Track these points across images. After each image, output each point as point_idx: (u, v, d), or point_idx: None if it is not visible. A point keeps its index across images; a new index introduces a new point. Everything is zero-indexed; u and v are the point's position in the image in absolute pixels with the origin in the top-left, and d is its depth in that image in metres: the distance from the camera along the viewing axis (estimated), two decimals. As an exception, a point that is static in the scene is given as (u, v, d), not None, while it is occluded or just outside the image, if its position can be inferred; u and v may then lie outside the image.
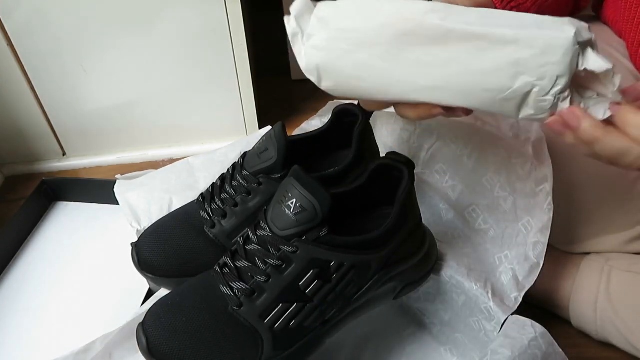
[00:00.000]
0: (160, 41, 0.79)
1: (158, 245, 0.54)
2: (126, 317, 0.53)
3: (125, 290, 0.63)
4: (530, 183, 0.54)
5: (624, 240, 0.60)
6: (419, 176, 0.63)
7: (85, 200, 0.79)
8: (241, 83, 0.86)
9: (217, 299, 0.44)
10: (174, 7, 0.76)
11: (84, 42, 0.78)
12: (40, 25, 0.76)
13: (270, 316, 0.42)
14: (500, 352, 0.45)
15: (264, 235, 0.43)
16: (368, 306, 0.48)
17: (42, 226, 0.76)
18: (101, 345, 0.51)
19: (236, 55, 0.82)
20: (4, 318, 0.63)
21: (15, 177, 0.91)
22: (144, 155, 0.92)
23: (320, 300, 0.43)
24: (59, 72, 0.81)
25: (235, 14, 0.78)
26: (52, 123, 0.88)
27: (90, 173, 0.91)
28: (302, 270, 0.42)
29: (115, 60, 0.81)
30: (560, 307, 0.60)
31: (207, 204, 0.55)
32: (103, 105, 0.86)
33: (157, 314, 0.45)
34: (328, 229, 0.42)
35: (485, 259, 0.56)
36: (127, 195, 0.65)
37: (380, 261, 0.45)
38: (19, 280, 0.68)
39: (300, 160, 0.51)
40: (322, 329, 0.45)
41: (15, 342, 0.60)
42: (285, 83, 1.14)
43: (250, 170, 0.53)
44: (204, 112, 0.89)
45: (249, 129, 0.93)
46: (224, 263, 0.46)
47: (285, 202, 0.43)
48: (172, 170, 0.69)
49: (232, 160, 0.67)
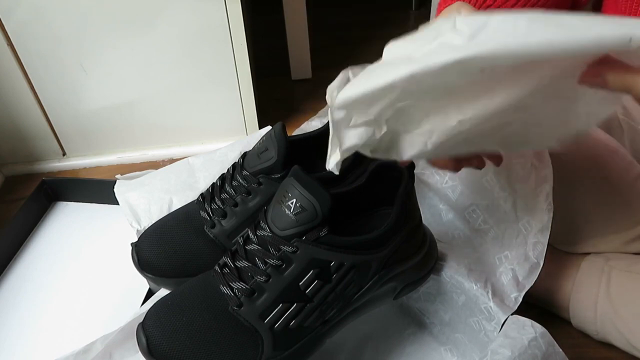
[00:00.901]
0: (161, 41, 0.79)
1: (158, 245, 0.54)
2: (126, 317, 0.53)
3: (125, 290, 0.63)
4: (530, 183, 0.54)
5: (624, 241, 0.60)
6: (419, 176, 0.63)
7: (85, 200, 0.79)
8: (241, 83, 0.86)
9: (217, 299, 0.44)
10: (174, 7, 0.76)
11: (84, 42, 0.78)
12: (40, 25, 0.76)
13: (270, 316, 0.42)
14: (500, 352, 0.45)
15: (264, 235, 0.43)
16: (368, 306, 0.48)
17: (42, 226, 0.76)
18: (101, 346, 0.51)
19: (236, 56, 0.82)
20: (4, 318, 0.63)
21: (15, 177, 0.91)
22: (144, 155, 0.92)
23: (320, 300, 0.43)
24: (59, 72, 0.81)
25: (235, 14, 0.78)
26: (52, 123, 0.88)
27: (90, 173, 0.91)
28: (302, 270, 0.42)
29: (115, 60, 0.81)
30: (560, 307, 0.60)
31: (207, 204, 0.55)
32: (103, 105, 0.86)
33: (157, 314, 0.45)
34: (328, 229, 0.42)
35: (485, 259, 0.56)
36: (127, 195, 0.65)
37: (380, 261, 0.45)
38: (19, 280, 0.68)
39: (300, 160, 0.51)
40: (322, 329, 0.45)
41: (16, 342, 0.60)
42: (285, 83, 1.15)
43: (250, 170, 0.53)
44: (204, 112, 0.90)
45: (249, 129, 0.93)
46: (224, 263, 0.46)
47: (285, 202, 0.43)
48: (172, 170, 0.69)
49: (232, 160, 0.67)
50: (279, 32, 1.10)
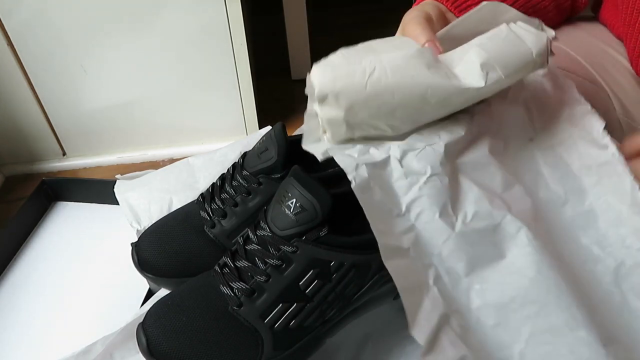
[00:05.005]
0: (161, 41, 0.80)
1: (158, 245, 0.54)
2: (126, 317, 0.53)
3: (125, 290, 0.63)
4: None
5: None
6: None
7: (85, 200, 0.79)
8: (241, 83, 0.86)
9: (217, 299, 0.44)
10: (174, 7, 0.76)
11: (84, 42, 0.78)
12: (40, 25, 0.76)
13: (270, 316, 0.42)
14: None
15: (264, 235, 0.43)
16: (368, 306, 0.48)
17: (42, 226, 0.76)
18: (102, 347, 0.51)
19: (236, 56, 0.82)
20: (4, 318, 0.63)
21: (15, 177, 0.91)
22: (144, 155, 0.92)
23: (320, 300, 0.43)
24: (59, 72, 0.81)
25: (235, 14, 0.78)
26: (52, 123, 0.88)
27: (90, 173, 0.91)
28: (302, 270, 0.42)
29: (115, 60, 0.81)
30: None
31: (207, 204, 0.55)
32: (103, 105, 0.86)
33: (157, 314, 0.45)
34: (328, 228, 0.42)
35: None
36: (127, 195, 0.65)
37: (381, 261, 0.45)
38: (19, 281, 0.68)
39: (300, 160, 0.51)
40: (322, 329, 0.45)
41: (15, 342, 0.60)
42: (285, 83, 1.15)
43: (250, 170, 0.53)
44: (204, 112, 0.90)
45: (249, 129, 0.93)
46: (224, 263, 0.46)
47: (285, 202, 0.43)
48: (172, 170, 0.69)
49: (232, 160, 0.67)
50: (279, 32, 1.10)
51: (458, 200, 0.37)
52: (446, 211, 0.37)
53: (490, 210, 0.37)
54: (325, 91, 0.36)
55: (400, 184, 0.38)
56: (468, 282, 0.37)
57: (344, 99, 0.36)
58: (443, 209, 0.37)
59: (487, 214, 0.37)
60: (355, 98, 0.36)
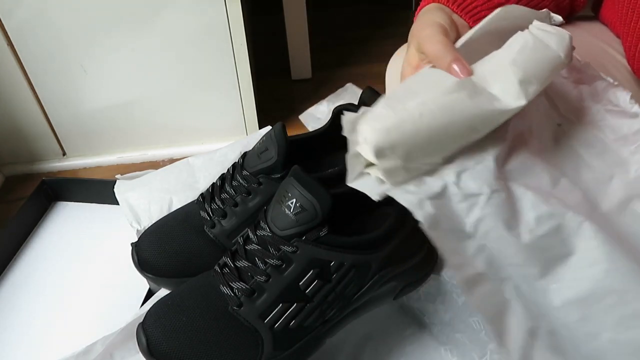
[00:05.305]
0: (161, 41, 0.80)
1: (158, 245, 0.54)
2: (126, 317, 0.53)
3: (125, 290, 0.63)
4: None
5: None
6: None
7: (85, 200, 0.79)
8: (241, 83, 0.86)
9: (217, 299, 0.44)
10: (174, 7, 0.76)
11: (84, 42, 0.78)
12: (40, 25, 0.76)
13: (270, 316, 0.42)
14: (500, 352, 0.44)
15: (264, 235, 0.43)
16: (368, 306, 0.48)
17: (42, 226, 0.76)
18: (102, 347, 0.51)
19: (236, 56, 0.82)
20: (3, 318, 0.63)
21: (15, 177, 0.91)
22: (144, 155, 0.92)
23: (320, 300, 0.43)
24: (59, 72, 0.81)
25: (235, 14, 0.78)
26: (52, 123, 0.88)
27: (90, 173, 0.91)
28: (302, 270, 0.42)
29: (115, 60, 0.81)
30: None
31: (207, 204, 0.55)
32: (103, 105, 0.86)
33: (157, 314, 0.45)
34: (328, 228, 0.42)
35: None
36: (127, 195, 0.65)
37: (380, 261, 0.45)
38: (19, 281, 0.68)
39: (300, 160, 0.51)
40: (322, 329, 0.45)
41: (15, 343, 0.60)
42: (285, 83, 1.15)
43: (250, 170, 0.53)
44: (204, 112, 0.90)
45: (249, 129, 0.93)
46: (224, 263, 0.46)
47: (285, 202, 0.43)
48: (172, 170, 0.69)
49: (232, 160, 0.67)
50: (279, 32, 1.10)
51: (516, 210, 0.37)
52: (510, 224, 0.37)
53: (549, 211, 0.37)
54: (381, 146, 0.36)
55: (461, 206, 0.37)
56: (544, 284, 0.37)
57: (401, 149, 0.36)
58: (507, 223, 0.37)
59: (547, 215, 0.37)
60: (411, 145, 0.36)
